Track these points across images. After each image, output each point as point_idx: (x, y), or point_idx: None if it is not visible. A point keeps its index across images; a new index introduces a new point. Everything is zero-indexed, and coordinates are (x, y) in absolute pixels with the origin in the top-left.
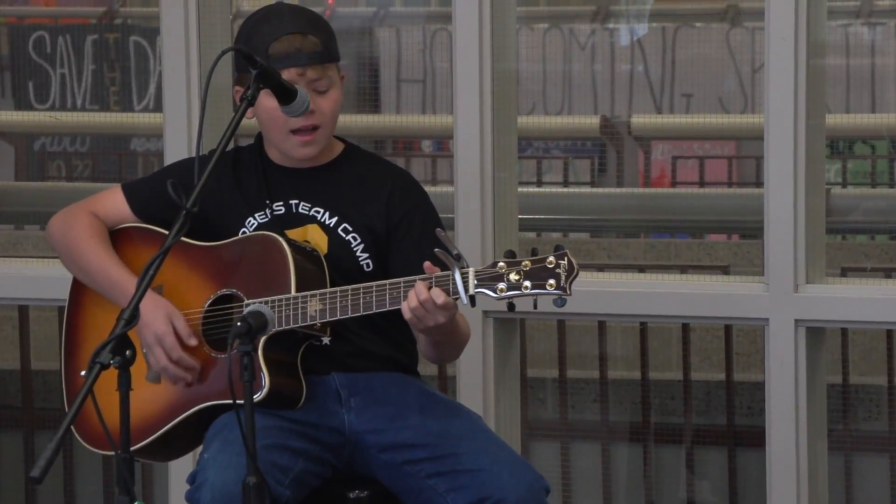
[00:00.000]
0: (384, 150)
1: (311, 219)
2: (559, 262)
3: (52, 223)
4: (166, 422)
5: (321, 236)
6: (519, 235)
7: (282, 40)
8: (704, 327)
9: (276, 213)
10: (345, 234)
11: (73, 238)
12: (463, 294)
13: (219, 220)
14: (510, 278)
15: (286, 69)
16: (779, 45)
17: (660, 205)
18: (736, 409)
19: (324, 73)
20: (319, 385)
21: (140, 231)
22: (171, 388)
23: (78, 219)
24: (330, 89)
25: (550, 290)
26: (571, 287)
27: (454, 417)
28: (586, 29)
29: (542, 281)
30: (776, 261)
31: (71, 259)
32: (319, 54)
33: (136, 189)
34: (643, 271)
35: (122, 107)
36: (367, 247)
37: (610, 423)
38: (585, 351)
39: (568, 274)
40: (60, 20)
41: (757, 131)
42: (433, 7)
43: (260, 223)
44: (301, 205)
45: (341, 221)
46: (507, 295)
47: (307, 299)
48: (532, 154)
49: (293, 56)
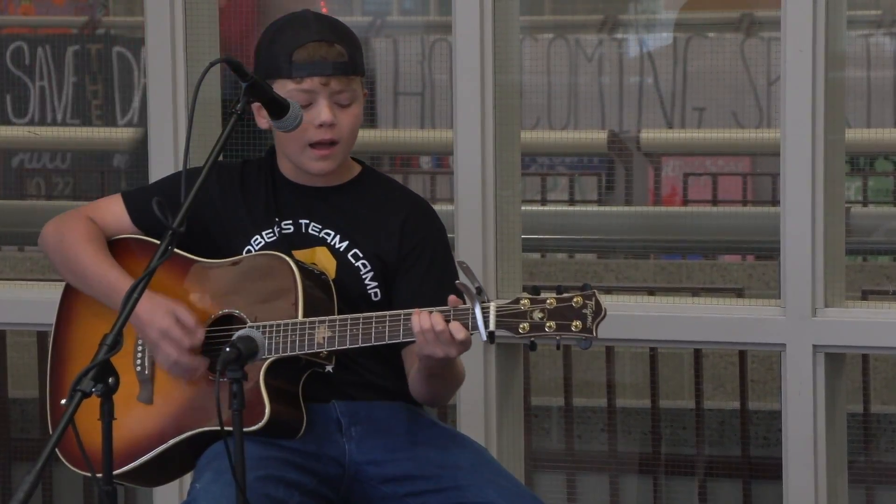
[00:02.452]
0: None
1: (321, 241)
2: (587, 302)
3: (47, 227)
4: (155, 445)
5: (329, 260)
6: (522, 256)
7: (306, 47)
8: (718, 353)
9: (284, 232)
10: (354, 261)
11: (69, 242)
12: (482, 330)
13: (223, 236)
14: (533, 317)
15: (309, 77)
16: (796, 56)
17: (670, 224)
18: (751, 440)
19: (348, 86)
20: (320, 413)
21: (140, 243)
22: (163, 409)
23: (75, 223)
24: (352, 104)
25: (575, 332)
26: (598, 330)
27: (458, 448)
28: (593, 39)
29: (568, 321)
30: (793, 283)
31: (66, 264)
32: (344, 65)
33: (137, 198)
34: (653, 294)
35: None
36: (377, 275)
37: (618, 454)
38: (592, 378)
39: (595, 315)
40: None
41: (773, 147)
42: (432, 16)
43: (267, 241)
44: (311, 225)
45: (352, 247)
46: (529, 335)
47: (315, 325)
48: (536, 171)
49: (317, 65)
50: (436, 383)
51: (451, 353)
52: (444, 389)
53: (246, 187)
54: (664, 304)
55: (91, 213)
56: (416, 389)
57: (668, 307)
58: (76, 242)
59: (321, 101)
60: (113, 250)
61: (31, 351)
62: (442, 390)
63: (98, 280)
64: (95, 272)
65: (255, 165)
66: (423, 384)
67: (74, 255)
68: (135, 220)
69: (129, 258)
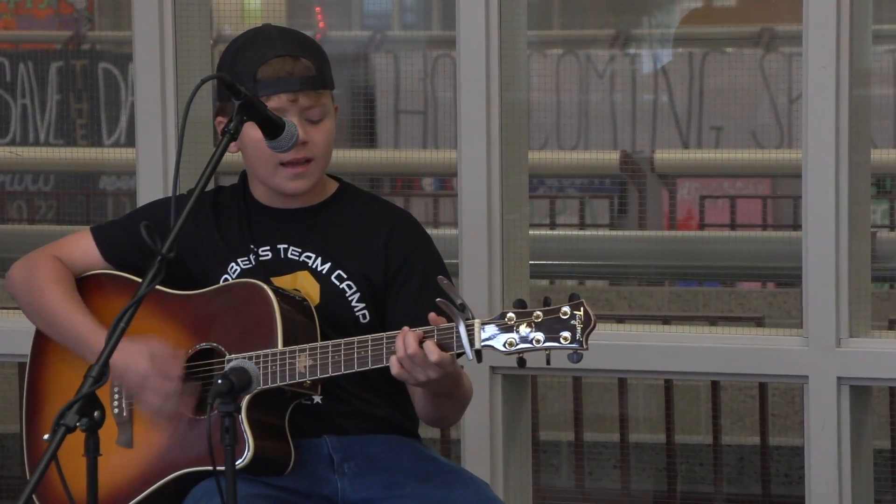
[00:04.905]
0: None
1: (302, 265)
2: (574, 312)
3: (13, 270)
4: (139, 491)
5: (312, 284)
6: (530, 283)
7: (271, 63)
8: (736, 386)
9: (261, 259)
10: (339, 282)
11: (36, 285)
12: (468, 349)
13: (198, 266)
14: (520, 331)
15: (276, 95)
16: (819, 72)
17: (686, 250)
18: (772, 477)
19: (317, 101)
20: (310, 449)
21: (111, 279)
22: (144, 452)
23: (41, 264)
24: (324, 119)
25: (565, 345)
26: (588, 341)
27: (458, 485)
28: (605, 55)
29: (556, 334)
30: (816, 312)
31: (33, 308)
32: (313, 79)
33: (107, 232)
34: (668, 323)
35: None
36: (364, 296)
37: (631, 492)
38: (604, 411)
39: (584, 326)
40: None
41: (794, 168)
42: (435, 30)
43: (243, 269)
44: (290, 249)
45: (335, 268)
46: (516, 349)
47: (296, 354)
48: (545, 193)
49: (284, 81)
50: (443, 402)
51: (431, 376)
52: (453, 407)
53: (219, 215)
54: (680, 333)
55: (58, 251)
56: (422, 411)
57: (683, 337)
58: (43, 286)
59: (291, 118)
60: (83, 288)
61: (11, 383)
62: (450, 409)
63: (66, 329)
64: (62, 319)
65: (229, 192)
66: (430, 404)
67: (41, 299)
68: (105, 255)
69: (99, 295)
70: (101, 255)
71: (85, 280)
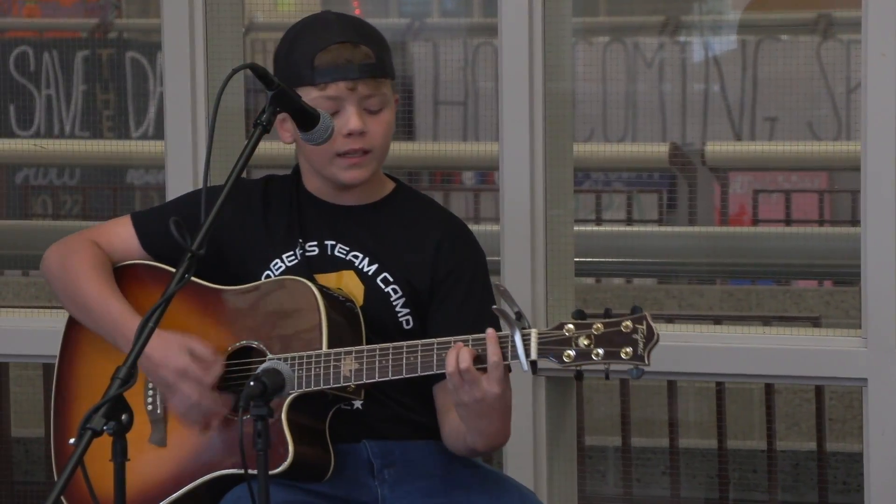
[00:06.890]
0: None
1: (349, 264)
2: (637, 326)
3: (49, 252)
4: (171, 491)
5: (357, 285)
6: (575, 281)
7: (329, 50)
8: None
9: (307, 255)
10: (384, 286)
11: (72, 268)
12: (524, 360)
13: (239, 261)
14: (579, 343)
15: (334, 83)
16: (878, 60)
17: (739, 246)
18: (829, 485)
19: (377, 90)
20: (349, 454)
21: (150, 269)
22: (177, 452)
23: (79, 248)
24: (383, 109)
25: (625, 360)
26: (650, 357)
27: (503, 493)
28: (653, 43)
29: (617, 348)
30: (876, 311)
31: (67, 293)
32: (373, 67)
33: (148, 220)
34: (720, 323)
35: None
36: (408, 302)
37: (681, 500)
38: (653, 415)
39: (647, 341)
40: (46, 34)
41: (852, 161)
42: (476, 18)
43: (288, 266)
44: (338, 247)
45: (381, 270)
46: (574, 364)
47: (341, 357)
48: (590, 187)
49: (342, 68)
50: (484, 424)
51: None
52: (496, 428)
53: (268, 207)
54: (732, 334)
55: (96, 236)
56: (456, 437)
57: (736, 338)
58: (80, 270)
59: (349, 107)
60: (121, 278)
61: (35, 385)
62: (492, 431)
63: (101, 314)
64: (99, 305)
65: (279, 183)
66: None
67: (77, 284)
68: (145, 245)
69: (137, 287)
70: (140, 244)
71: (123, 270)
